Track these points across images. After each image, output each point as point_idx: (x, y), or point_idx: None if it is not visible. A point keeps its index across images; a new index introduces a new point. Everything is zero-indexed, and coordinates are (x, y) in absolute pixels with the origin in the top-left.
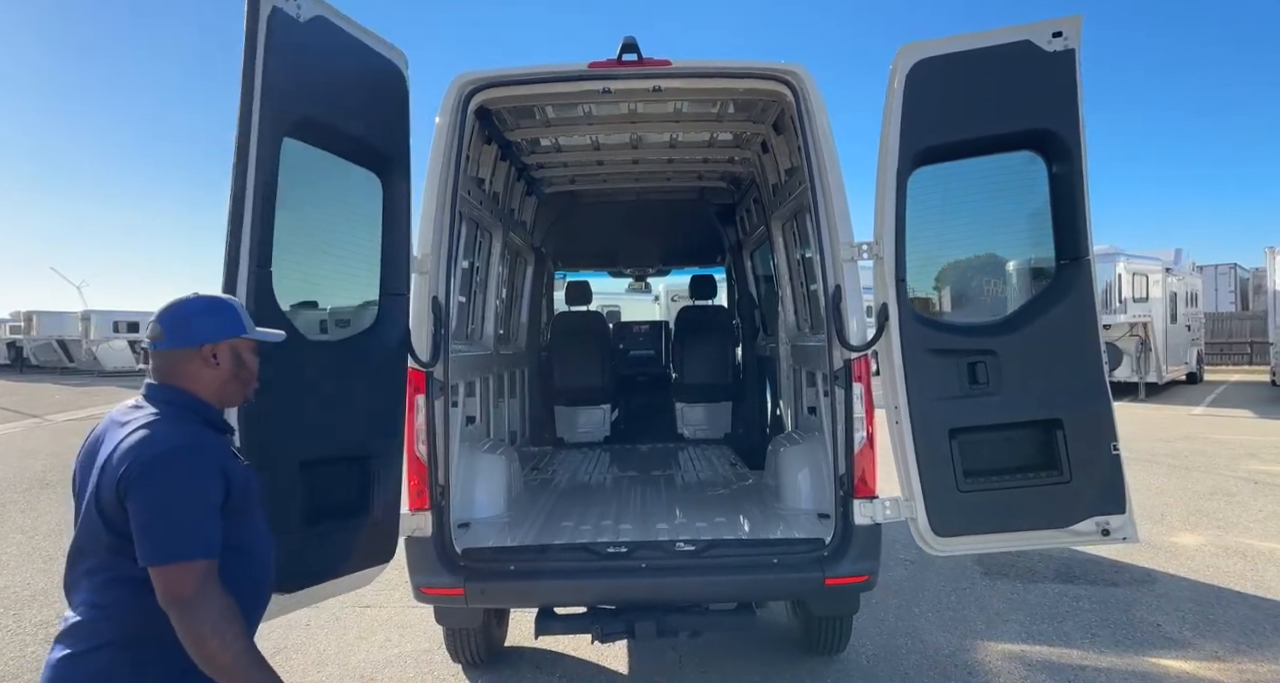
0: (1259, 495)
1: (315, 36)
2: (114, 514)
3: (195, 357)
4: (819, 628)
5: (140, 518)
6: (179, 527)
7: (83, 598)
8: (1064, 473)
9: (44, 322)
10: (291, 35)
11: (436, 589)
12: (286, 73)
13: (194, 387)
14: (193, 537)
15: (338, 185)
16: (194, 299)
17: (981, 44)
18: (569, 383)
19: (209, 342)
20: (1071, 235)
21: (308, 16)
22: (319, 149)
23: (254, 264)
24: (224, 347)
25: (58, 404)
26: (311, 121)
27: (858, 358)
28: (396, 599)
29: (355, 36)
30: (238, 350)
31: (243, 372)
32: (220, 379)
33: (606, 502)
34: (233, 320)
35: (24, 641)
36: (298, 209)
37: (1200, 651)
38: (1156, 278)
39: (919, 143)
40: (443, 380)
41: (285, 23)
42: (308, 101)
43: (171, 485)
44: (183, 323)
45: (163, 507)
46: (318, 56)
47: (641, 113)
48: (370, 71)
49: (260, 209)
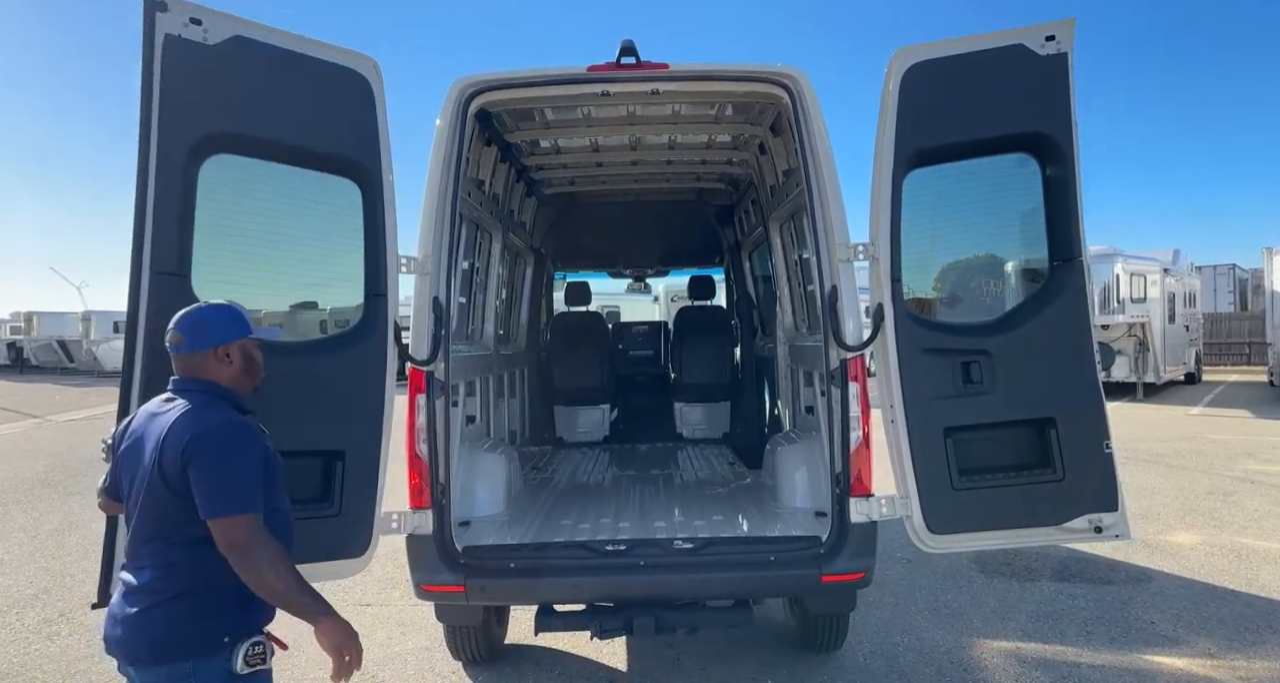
0: (1255, 495)
1: (233, 56)
2: (177, 483)
3: (211, 357)
4: (816, 626)
5: (201, 480)
6: (234, 485)
7: (150, 561)
8: (1057, 471)
9: (44, 322)
10: (197, 59)
11: (437, 587)
12: (195, 94)
13: (215, 379)
14: (246, 493)
15: (315, 195)
16: (205, 308)
17: (975, 48)
18: (568, 383)
19: (223, 343)
20: (1064, 236)
21: (220, 38)
22: (273, 162)
23: (153, 272)
24: (235, 347)
25: (58, 405)
26: (242, 137)
27: (854, 358)
28: (397, 598)
29: (293, 51)
30: (246, 349)
31: (251, 366)
32: (234, 374)
33: (606, 501)
34: (240, 324)
35: (27, 639)
36: (272, 218)
37: (1194, 648)
38: (1155, 278)
39: (914, 145)
40: (443, 380)
41: (186, 48)
42: (233, 119)
43: (227, 452)
44: (198, 329)
45: (220, 470)
46: (241, 75)
47: (640, 115)
48: (325, 82)
49: (168, 222)
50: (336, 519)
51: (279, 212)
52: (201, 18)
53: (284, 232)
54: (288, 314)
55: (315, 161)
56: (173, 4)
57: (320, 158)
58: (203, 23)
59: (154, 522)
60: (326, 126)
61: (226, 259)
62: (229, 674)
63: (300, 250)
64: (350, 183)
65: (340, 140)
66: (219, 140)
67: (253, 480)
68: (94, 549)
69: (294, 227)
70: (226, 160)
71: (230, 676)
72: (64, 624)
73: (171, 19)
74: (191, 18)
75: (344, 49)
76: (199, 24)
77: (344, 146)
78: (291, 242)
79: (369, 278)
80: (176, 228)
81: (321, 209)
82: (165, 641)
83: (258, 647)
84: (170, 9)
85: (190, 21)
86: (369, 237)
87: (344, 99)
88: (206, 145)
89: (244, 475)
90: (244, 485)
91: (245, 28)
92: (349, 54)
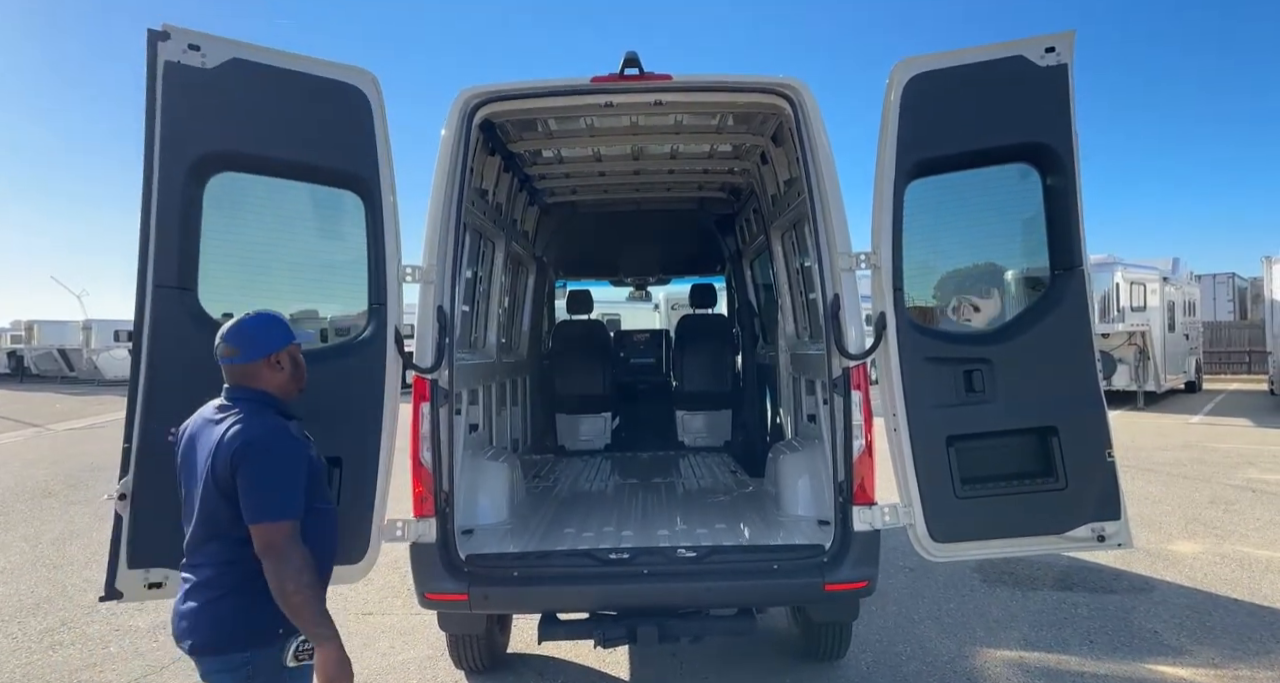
0: (1257, 504)
1: (231, 79)
2: (227, 487)
3: (264, 366)
4: (819, 634)
5: (245, 486)
6: (275, 492)
7: (208, 559)
8: (1059, 480)
9: (45, 331)
10: (197, 82)
11: (441, 595)
12: (195, 116)
13: (265, 387)
14: (284, 502)
15: (324, 208)
16: (250, 319)
17: (976, 59)
18: (570, 391)
19: (275, 351)
20: (1065, 245)
21: (218, 62)
22: (277, 178)
23: (155, 286)
24: (284, 354)
25: (59, 414)
26: (242, 155)
27: (856, 366)
28: (399, 607)
29: (290, 69)
30: (294, 354)
31: (298, 370)
32: (283, 380)
33: (608, 509)
34: (286, 331)
35: (29, 649)
36: (284, 232)
37: (1197, 658)
38: (1154, 287)
39: (915, 155)
40: (447, 388)
41: (185, 73)
42: (232, 138)
43: (269, 461)
44: (249, 340)
45: (262, 478)
46: (239, 95)
47: (643, 125)
48: (322, 97)
49: (170, 238)
50: (342, 526)
51: (287, 222)
52: (200, 43)
53: (291, 242)
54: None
55: (316, 175)
56: (174, 32)
57: (321, 171)
58: (201, 48)
59: (210, 524)
60: (326, 141)
61: (236, 271)
62: (280, 666)
63: (306, 261)
64: (354, 195)
65: (340, 154)
66: (220, 159)
67: (293, 488)
68: (95, 559)
69: (300, 237)
70: (232, 176)
71: (281, 667)
72: (66, 633)
73: (172, 46)
74: (190, 44)
75: (341, 65)
76: (197, 50)
77: (343, 160)
78: (297, 252)
79: (371, 289)
80: (178, 243)
81: (329, 220)
82: (223, 633)
83: (308, 644)
84: (172, 37)
85: (189, 48)
86: (372, 247)
87: (342, 113)
88: (208, 164)
89: (285, 483)
90: (284, 493)
91: (241, 50)
92: (346, 69)
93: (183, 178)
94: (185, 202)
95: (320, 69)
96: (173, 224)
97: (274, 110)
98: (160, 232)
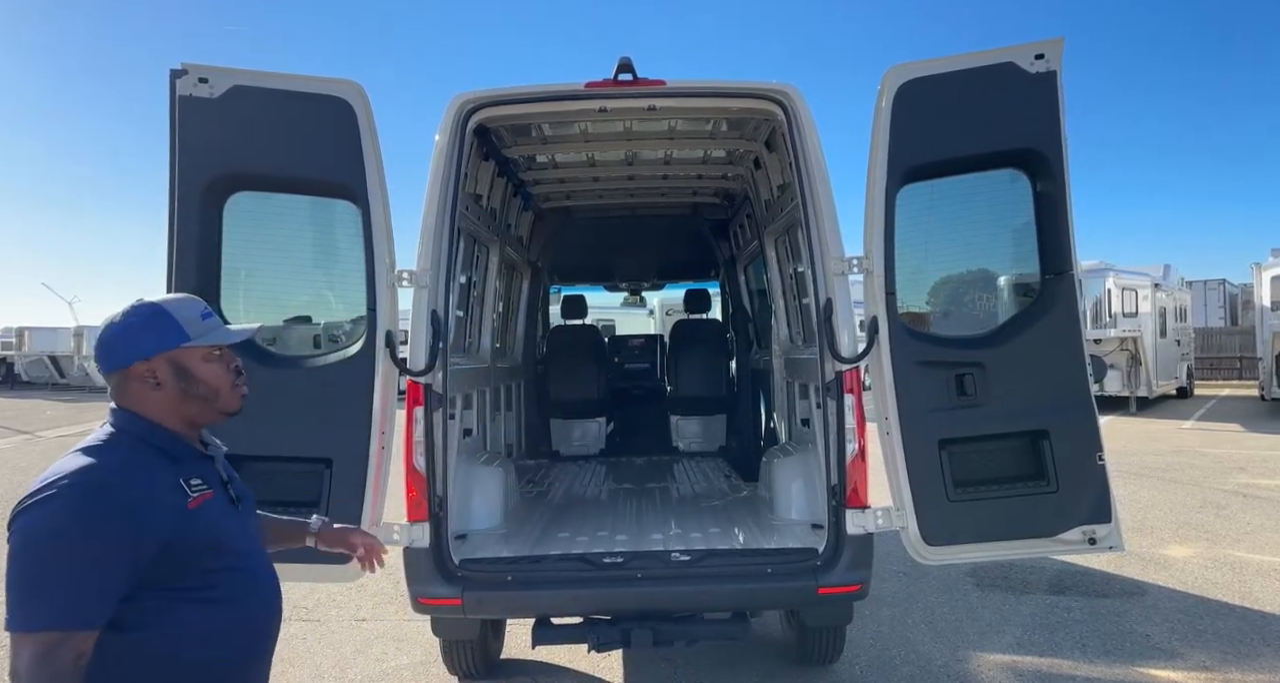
0: (1248, 509)
1: (235, 105)
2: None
3: (130, 379)
4: (813, 638)
5: (6, 569)
6: (28, 587)
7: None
8: (1051, 483)
9: (36, 337)
10: (206, 111)
11: (435, 600)
12: (209, 143)
13: (146, 410)
14: (41, 601)
15: (325, 219)
16: (124, 314)
17: (966, 65)
18: (564, 396)
19: (140, 359)
20: (1056, 250)
21: (222, 90)
22: (284, 194)
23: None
24: (160, 362)
25: (49, 421)
26: (248, 174)
27: (849, 370)
28: (392, 613)
29: (282, 89)
30: (180, 363)
31: (196, 387)
32: (169, 400)
33: (602, 513)
34: (169, 330)
35: None
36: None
37: (1188, 661)
38: (1146, 293)
39: (907, 160)
40: (441, 393)
41: (197, 104)
42: (238, 159)
43: (38, 532)
44: (105, 344)
45: (19, 558)
46: (243, 119)
47: (637, 130)
48: (312, 112)
49: (189, 255)
50: None
51: (291, 233)
52: (208, 76)
53: (296, 252)
54: (281, 329)
55: (312, 188)
56: (189, 69)
57: (316, 184)
58: (209, 80)
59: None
60: (318, 153)
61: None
62: None
63: (308, 270)
64: (349, 204)
65: (330, 165)
66: (231, 179)
67: (64, 579)
68: None
69: (303, 247)
70: (247, 195)
71: None
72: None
73: (186, 81)
74: (200, 77)
75: (327, 78)
76: (206, 82)
77: (334, 170)
78: (298, 261)
79: (368, 293)
80: (195, 260)
81: (327, 229)
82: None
83: None
84: (187, 73)
85: (199, 81)
86: (366, 254)
87: (330, 125)
88: (222, 185)
89: (51, 571)
90: (44, 588)
91: (240, 77)
92: (331, 82)
93: (200, 199)
94: (203, 221)
95: (307, 85)
96: (192, 242)
97: (269, 129)
98: (180, 249)
